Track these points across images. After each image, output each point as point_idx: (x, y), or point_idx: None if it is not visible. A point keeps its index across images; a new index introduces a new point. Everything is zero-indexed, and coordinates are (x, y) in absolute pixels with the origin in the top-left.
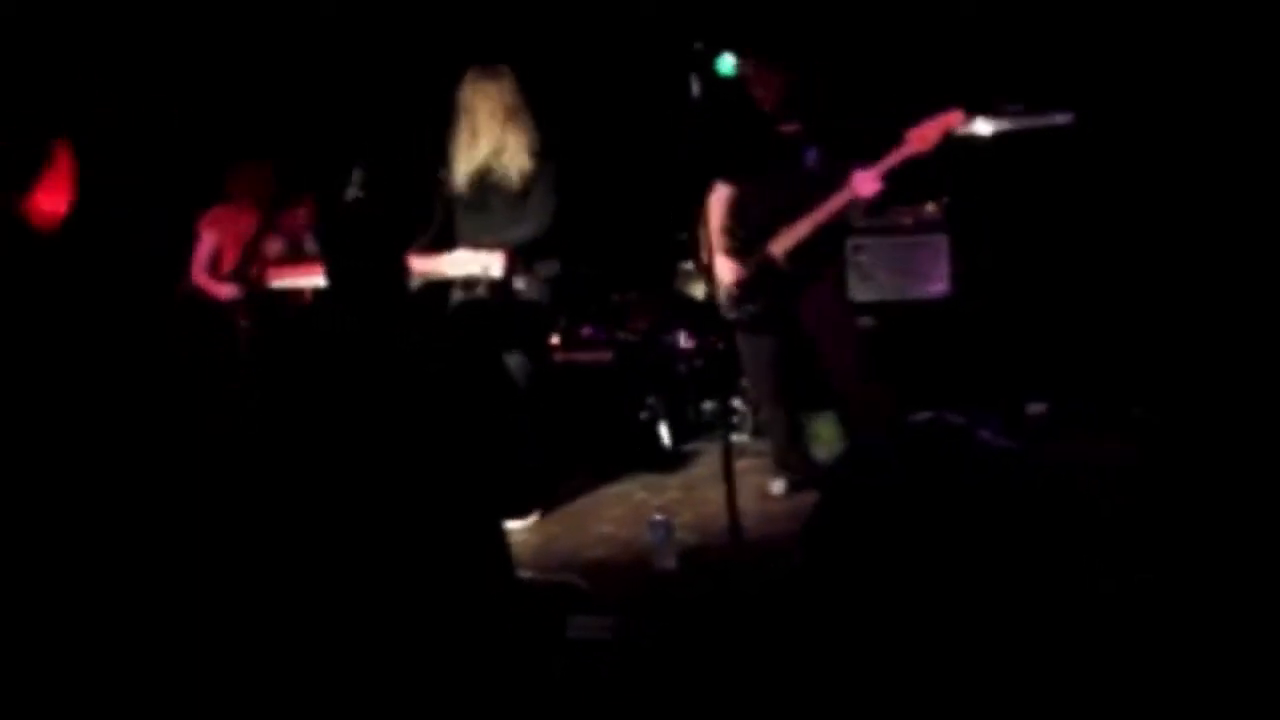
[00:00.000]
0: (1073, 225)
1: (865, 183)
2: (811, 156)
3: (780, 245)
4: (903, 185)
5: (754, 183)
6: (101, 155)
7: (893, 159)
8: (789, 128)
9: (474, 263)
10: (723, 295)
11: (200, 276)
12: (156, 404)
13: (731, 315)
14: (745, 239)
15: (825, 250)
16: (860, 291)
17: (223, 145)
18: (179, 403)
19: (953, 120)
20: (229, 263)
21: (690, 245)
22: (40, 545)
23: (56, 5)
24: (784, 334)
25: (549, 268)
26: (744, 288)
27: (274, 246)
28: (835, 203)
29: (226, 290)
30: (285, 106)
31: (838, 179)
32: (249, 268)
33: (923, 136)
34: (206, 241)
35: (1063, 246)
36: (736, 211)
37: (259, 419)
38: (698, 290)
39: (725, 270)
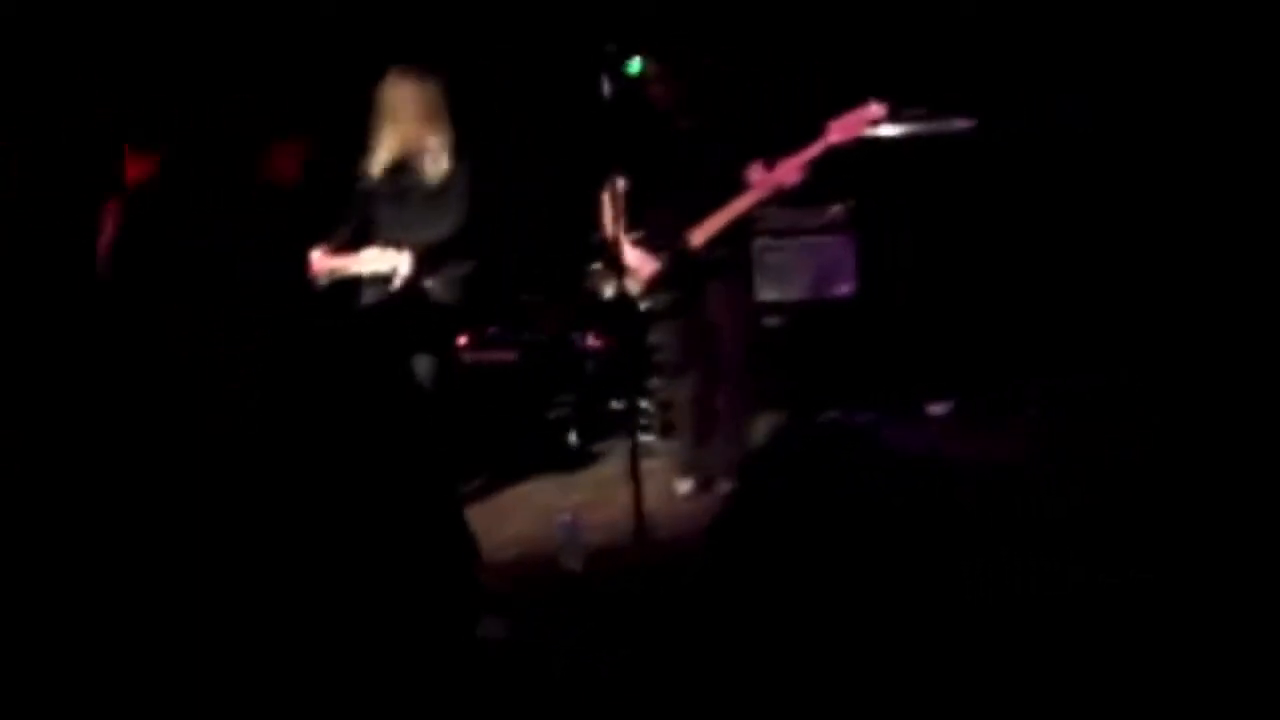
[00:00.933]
0: (976, 228)
1: (789, 172)
2: (712, 151)
3: (700, 235)
4: (809, 187)
5: (652, 176)
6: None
7: (814, 149)
8: (686, 124)
9: (382, 261)
10: (633, 285)
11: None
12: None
13: (646, 305)
14: (655, 231)
15: (735, 242)
16: (768, 291)
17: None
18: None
19: (875, 112)
20: None
21: (600, 243)
22: (28, 543)
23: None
24: (698, 320)
25: (464, 267)
26: (661, 277)
27: None
28: (758, 192)
29: None
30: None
31: (739, 172)
32: None
33: (844, 127)
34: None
35: (966, 248)
36: (634, 204)
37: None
38: (607, 290)
39: (637, 260)
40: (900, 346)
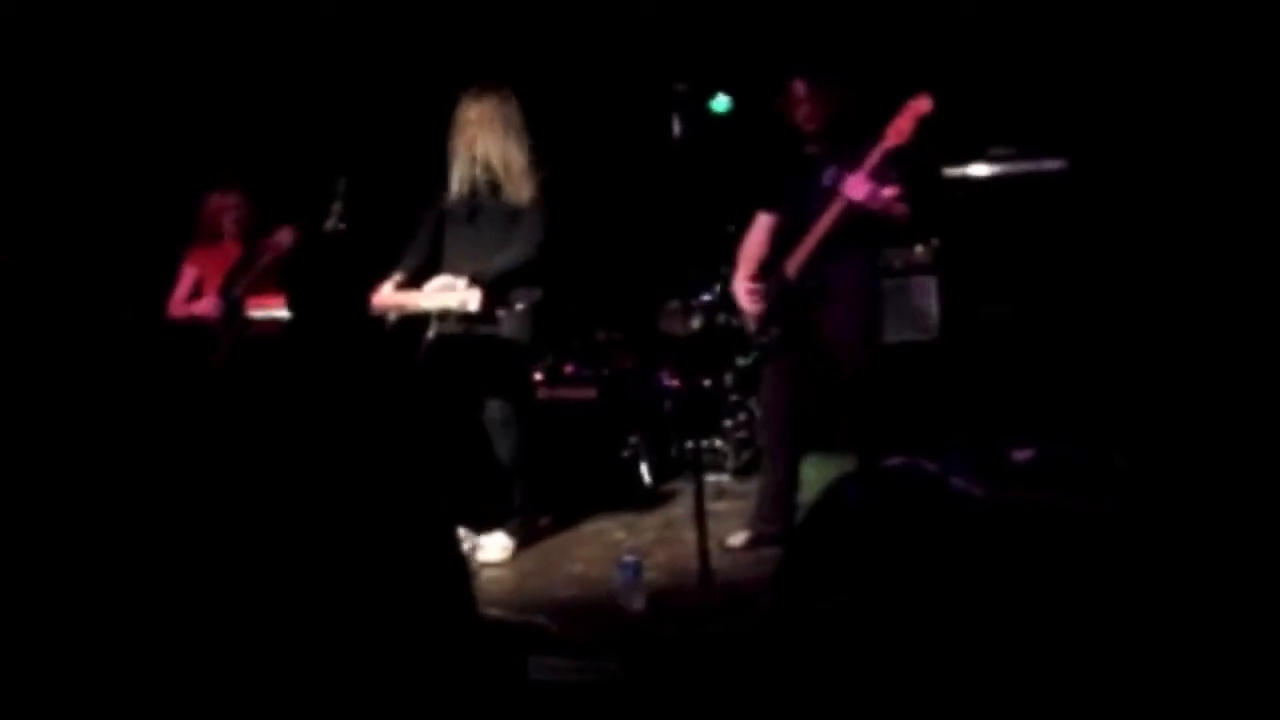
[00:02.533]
0: (1062, 271)
1: (854, 186)
2: (830, 175)
3: (793, 263)
4: (894, 228)
5: (783, 207)
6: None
7: (874, 157)
8: (811, 149)
9: (450, 298)
10: (748, 321)
11: (179, 307)
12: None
13: (759, 341)
14: (769, 263)
15: (845, 269)
16: None
17: (201, 172)
18: (150, 424)
19: (921, 106)
20: (211, 290)
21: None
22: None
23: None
24: (808, 365)
25: (530, 295)
26: (766, 311)
27: (267, 256)
28: (832, 211)
29: (206, 305)
30: (268, 130)
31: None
32: (233, 287)
33: (898, 130)
34: (187, 276)
35: (1052, 292)
36: (771, 239)
37: (218, 445)
38: (681, 328)
39: (746, 296)
40: (983, 390)
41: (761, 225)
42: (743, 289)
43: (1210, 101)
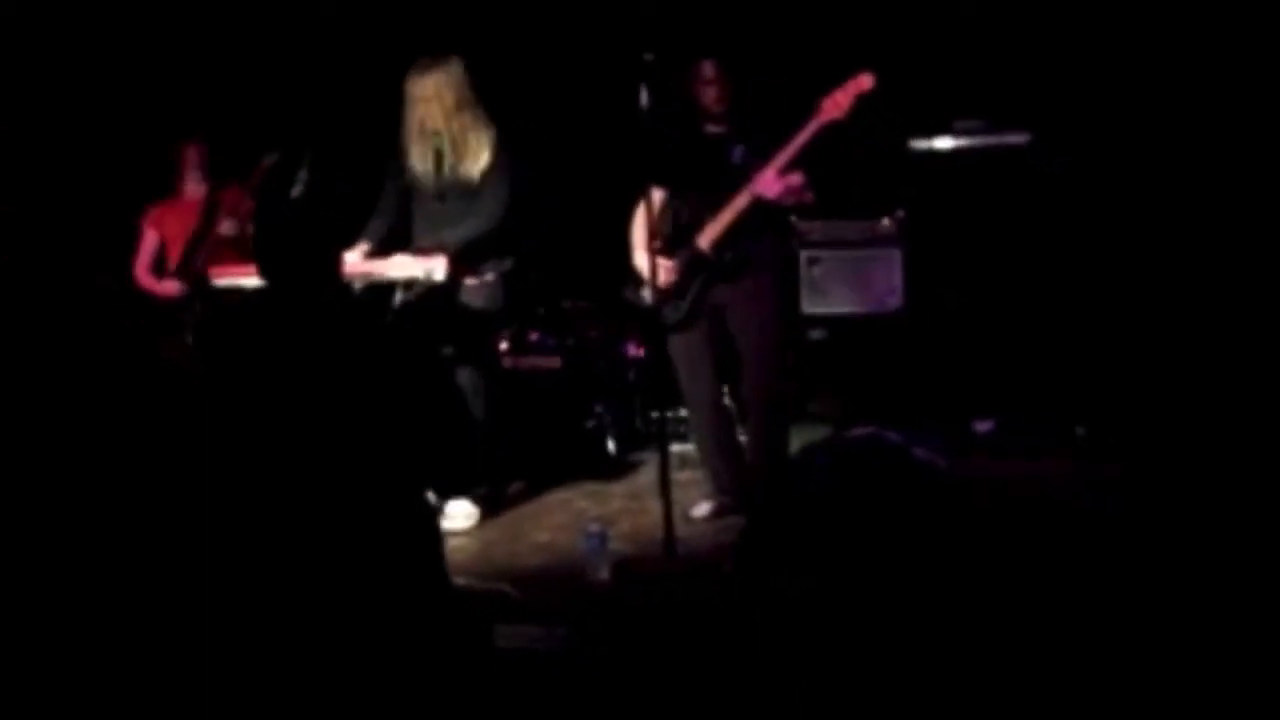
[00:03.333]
0: (1025, 244)
1: (766, 185)
2: (738, 153)
3: (706, 237)
4: (858, 199)
5: (684, 185)
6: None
7: (809, 129)
8: (715, 129)
9: (416, 266)
10: (647, 293)
11: (144, 276)
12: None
13: (666, 315)
14: (673, 237)
15: (761, 247)
16: (813, 304)
17: (164, 131)
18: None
19: (863, 83)
20: (174, 258)
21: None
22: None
23: None
24: (718, 334)
25: (500, 265)
26: (674, 284)
27: (225, 226)
28: (745, 196)
29: (170, 287)
30: (231, 92)
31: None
32: (193, 262)
33: (836, 103)
34: (149, 239)
35: (1015, 264)
36: (666, 214)
37: (197, 417)
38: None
39: (663, 270)
40: (946, 362)
41: (655, 201)
42: (657, 263)
43: (1175, 74)
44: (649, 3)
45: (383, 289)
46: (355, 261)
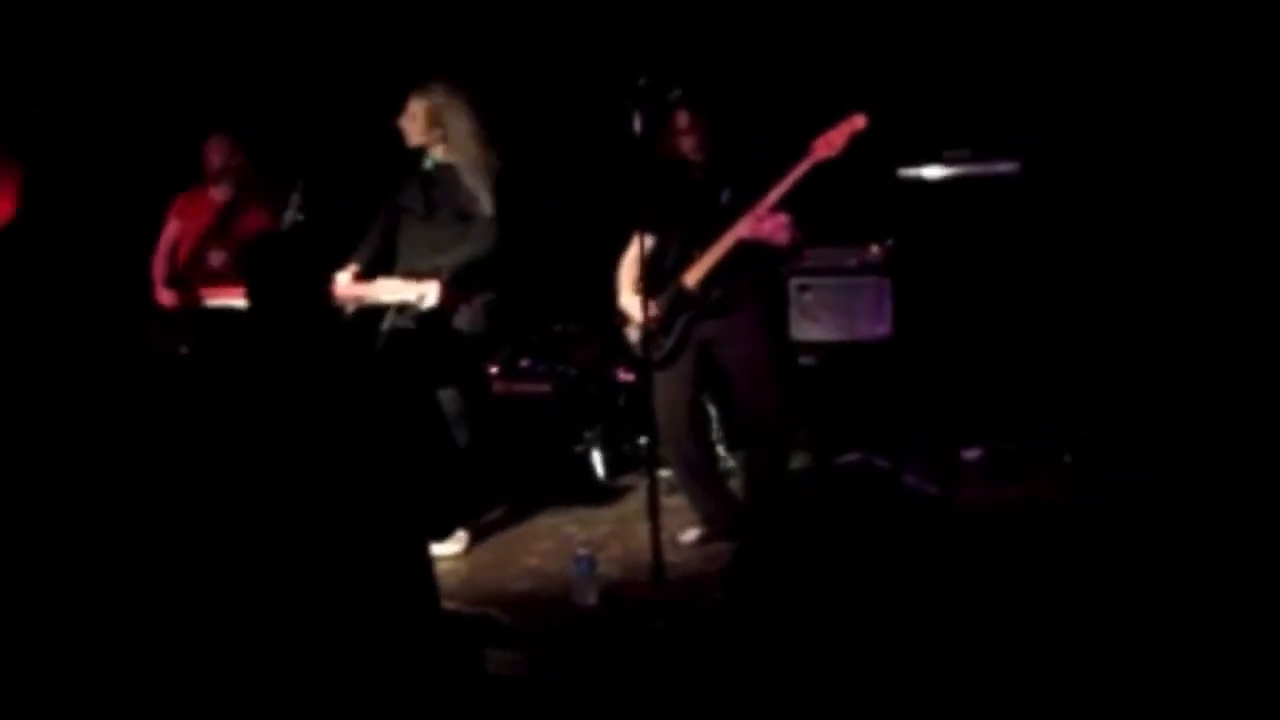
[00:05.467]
0: (1014, 272)
1: (753, 228)
2: (725, 195)
3: (693, 275)
4: (847, 227)
5: (672, 225)
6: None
7: (801, 168)
8: (700, 177)
9: (408, 290)
10: (633, 334)
11: (159, 264)
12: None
13: (649, 353)
14: (660, 277)
15: (747, 282)
16: (802, 331)
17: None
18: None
19: (857, 123)
20: (184, 255)
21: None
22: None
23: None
24: (699, 373)
25: (487, 294)
26: (659, 322)
27: (217, 257)
28: (743, 226)
29: (166, 297)
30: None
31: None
32: (191, 275)
33: (829, 142)
34: (170, 229)
35: (1004, 292)
36: (655, 256)
37: (183, 438)
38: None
39: (637, 308)
40: (934, 390)
41: (645, 244)
42: (636, 302)
43: (1164, 102)
44: (643, 28)
45: (373, 313)
46: (346, 284)
